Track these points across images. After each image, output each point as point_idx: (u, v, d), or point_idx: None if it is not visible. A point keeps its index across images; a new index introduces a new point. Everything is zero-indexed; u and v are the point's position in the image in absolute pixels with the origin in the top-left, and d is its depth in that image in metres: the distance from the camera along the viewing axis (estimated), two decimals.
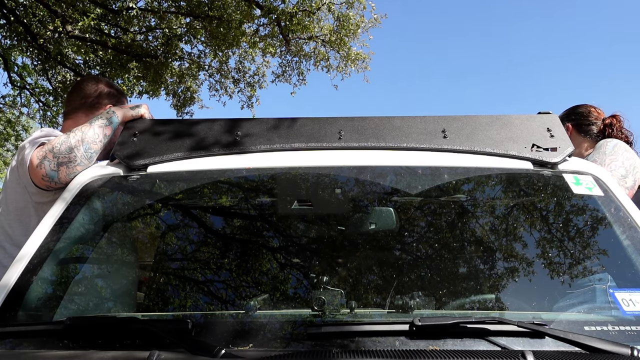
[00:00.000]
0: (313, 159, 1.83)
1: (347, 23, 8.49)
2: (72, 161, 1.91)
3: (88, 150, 1.95)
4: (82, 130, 1.99)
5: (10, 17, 8.17)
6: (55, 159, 1.90)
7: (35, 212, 2.03)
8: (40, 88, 10.93)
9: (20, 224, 2.04)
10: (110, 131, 2.05)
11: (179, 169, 1.83)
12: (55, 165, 1.90)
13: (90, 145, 1.96)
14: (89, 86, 2.38)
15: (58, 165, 1.90)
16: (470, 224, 1.76)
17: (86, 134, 1.97)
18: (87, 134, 1.98)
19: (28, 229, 2.02)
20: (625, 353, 1.11)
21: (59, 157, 1.91)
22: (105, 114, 2.08)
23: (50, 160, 1.91)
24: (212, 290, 1.64)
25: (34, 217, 2.02)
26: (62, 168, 1.90)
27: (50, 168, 1.90)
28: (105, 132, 2.03)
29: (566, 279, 1.52)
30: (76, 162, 1.91)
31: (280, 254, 1.70)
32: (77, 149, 1.93)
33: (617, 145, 2.39)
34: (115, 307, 1.70)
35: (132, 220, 1.85)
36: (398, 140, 1.87)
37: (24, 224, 2.04)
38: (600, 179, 1.75)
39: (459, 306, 1.46)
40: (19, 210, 2.04)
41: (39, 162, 1.92)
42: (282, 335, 1.25)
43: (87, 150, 1.95)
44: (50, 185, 1.94)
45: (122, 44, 8.58)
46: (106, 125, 2.04)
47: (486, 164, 1.80)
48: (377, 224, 1.76)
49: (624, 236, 1.56)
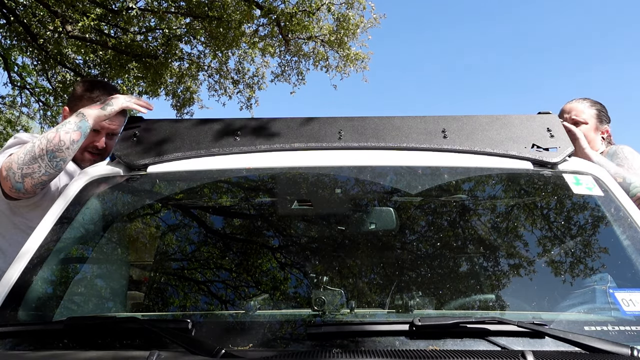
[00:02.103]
0: (313, 159, 1.83)
1: (347, 23, 8.49)
2: (36, 172, 1.84)
3: (53, 159, 1.86)
4: (47, 138, 1.88)
5: (10, 17, 8.17)
6: (20, 170, 1.84)
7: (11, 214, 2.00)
8: (40, 88, 10.93)
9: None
10: (78, 136, 1.92)
11: (179, 169, 1.83)
12: (20, 177, 1.84)
13: (55, 154, 1.86)
14: (74, 90, 2.29)
15: (23, 177, 1.84)
16: (470, 224, 1.76)
17: (51, 142, 1.87)
18: (52, 142, 1.87)
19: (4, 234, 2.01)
20: (625, 353, 1.10)
21: (22, 168, 1.84)
22: (73, 117, 1.95)
23: (14, 172, 1.84)
24: (212, 290, 1.64)
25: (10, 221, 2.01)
26: (27, 179, 1.84)
27: (15, 180, 1.84)
28: (73, 138, 1.90)
29: (566, 279, 1.52)
30: (41, 172, 1.85)
31: (280, 253, 1.70)
32: (41, 158, 1.85)
33: (629, 149, 2.39)
34: (115, 307, 1.71)
35: (132, 220, 1.85)
36: (398, 140, 1.87)
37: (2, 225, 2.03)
38: (600, 179, 1.76)
39: (459, 306, 1.46)
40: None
41: (5, 174, 1.86)
42: (282, 335, 1.25)
43: (52, 159, 1.86)
44: (20, 195, 1.90)
45: (122, 44, 8.58)
46: (74, 131, 1.91)
47: (486, 164, 1.80)
48: (377, 223, 1.76)
49: (624, 236, 1.56)
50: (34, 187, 1.87)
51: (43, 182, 1.89)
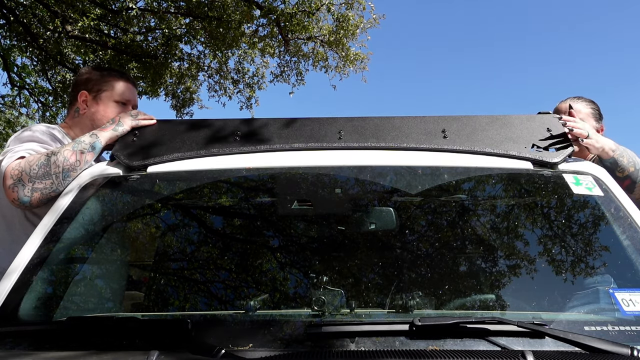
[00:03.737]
0: (313, 159, 1.83)
1: (347, 24, 8.49)
2: (47, 188, 1.83)
3: (67, 178, 1.85)
4: (64, 156, 1.87)
5: (10, 17, 8.17)
6: (31, 183, 1.82)
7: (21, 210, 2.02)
8: (39, 88, 10.92)
9: (4, 218, 2.05)
10: (92, 156, 1.95)
11: (179, 169, 1.83)
12: (30, 191, 1.83)
13: (69, 173, 1.86)
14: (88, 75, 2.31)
15: (32, 192, 1.83)
16: (469, 224, 1.76)
17: (67, 161, 1.87)
18: (69, 161, 1.87)
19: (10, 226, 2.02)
20: (625, 353, 1.11)
21: (35, 182, 1.82)
22: (87, 137, 1.97)
23: (25, 184, 1.82)
24: (212, 290, 1.64)
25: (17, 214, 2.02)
26: (36, 194, 1.83)
27: (24, 194, 1.83)
28: (87, 159, 1.92)
29: (566, 279, 1.52)
30: (52, 188, 1.84)
31: (280, 253, 1.70)
32: (55, 175, 1.84)
33: None
34: (115, 307, 1.70)
35: (132, 220, 1.85)
36: (398, 140, 1.87)
37: (6, 218, 2.04)
38: (600, 179, 1.76)
39: (459, 306, 1.46)
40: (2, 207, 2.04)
41: (13, 183, 1.84)
42: (282, 335, 1.25)
43: (65, 178, 1.85)
44: (21, 207, 1.90)
45: (122, 44, 8.58)
46: (88, 152, 1.93)
47: (486, 164, 1.80)
48: (377, 223, 1.76)
49: (624, 236, 1.56)
50: (40, 202, 1.86)
51: (50, 198, 1.87)
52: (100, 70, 2.33)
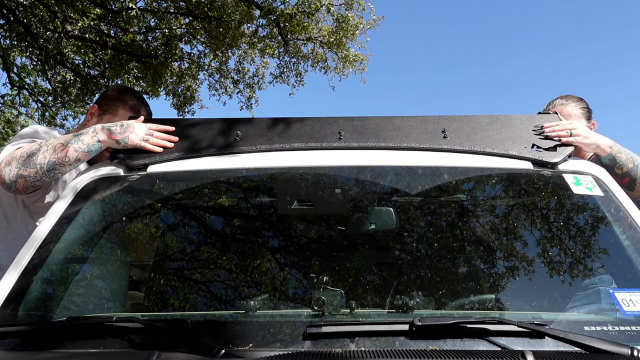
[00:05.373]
0: (313, 159, 1.83)
1: (346, 24, 8.48)
2: (31, 176, 1.83)
3: (52, 171, 1.84)
4: (54, 148, 1.85)
5: (10, 17, 8.16)
6: (17, 169, 1.82)
7: (23, 206, 2.04)
8: (39, 88, 10.92)
9: (5, 216, 2.06)
10: (85, 157, 1.89)
11: (179, 168, 1.83)
12: (15, 175, 1.82)
13: (55, 167, 1.84)
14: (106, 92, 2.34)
15: (17, 177, 1.83)
16: (470, 224, 1.76)
17: (56, 154, 1.84)
18: (57, 155, 1.84)
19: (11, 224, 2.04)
20: (625, 353, 1.11)
21: (20, 167, 1.82)
22: (89, 138, 1.89)
23: (12, 168, 1.83)
24: (212, 290, 1.64)
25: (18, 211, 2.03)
26: (20, 180, 1.83)
27: (9, 177, 1.83)
28: (79, 157, 1.87)
29: (566, 279, 1.52)
30: (36, 178, 1.83)
31: (280, 253, 1.70)
32: (40, 165, 1.82)
33: None
34: (115, 307, 1.70)
35: (132, 220, 1.85)
36: (398, 140, 1.87)
37: (8, 216, 2.05)
38: (600, 179, 1.76)
39: (458, 306, 1.46)
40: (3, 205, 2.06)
41: (4, 166, 1.85)
42: (282, 335, 1.25)
43: (50, 170, 1.83)
44: (11, 191, 1.90)
45: (122, 44, 8.58)
46: (83, 152, 1.87)
47: (486, 164, 1.80)
48: (377, 224, 1.76)
49: (624, 236, 1.56)
50: (25, 188, 1.87)
51: (35, 186, 1.88)
52: (119, 92, 2.30)
